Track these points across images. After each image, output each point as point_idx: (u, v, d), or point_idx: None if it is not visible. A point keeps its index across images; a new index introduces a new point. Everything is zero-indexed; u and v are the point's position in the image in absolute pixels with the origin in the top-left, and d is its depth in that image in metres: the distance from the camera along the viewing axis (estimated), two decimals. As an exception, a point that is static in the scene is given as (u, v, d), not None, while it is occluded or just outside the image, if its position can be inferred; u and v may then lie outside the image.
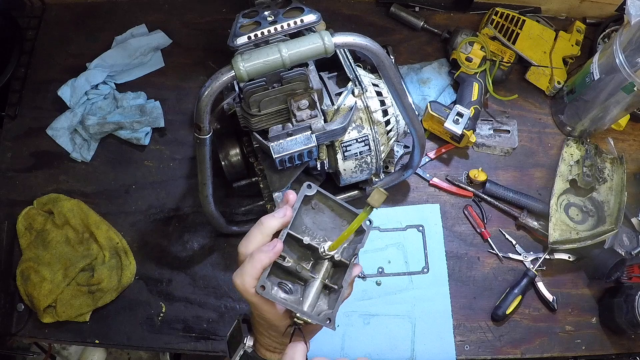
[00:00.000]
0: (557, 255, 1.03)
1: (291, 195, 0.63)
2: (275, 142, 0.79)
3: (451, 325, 0.98)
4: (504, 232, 1.05)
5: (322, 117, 0.81)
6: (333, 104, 0.87)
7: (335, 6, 1.21)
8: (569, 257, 1.03)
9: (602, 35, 1.16)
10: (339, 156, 0.89)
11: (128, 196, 1.06)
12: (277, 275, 0.62)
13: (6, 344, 1.00)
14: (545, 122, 1.14)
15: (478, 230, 1.05)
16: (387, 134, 0.92)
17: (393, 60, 1.03)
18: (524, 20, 1.13)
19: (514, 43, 1.11)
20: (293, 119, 0.79)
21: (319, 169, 0.89)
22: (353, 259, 0.62)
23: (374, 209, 0.57)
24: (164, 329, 0.98)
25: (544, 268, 1.02)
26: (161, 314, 0.98)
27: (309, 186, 0.63)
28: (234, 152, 0.95)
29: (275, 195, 0.86)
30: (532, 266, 1.01)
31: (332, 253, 0.62)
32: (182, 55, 1.16)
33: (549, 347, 0.98)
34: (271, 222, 0.60)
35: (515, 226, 1.06)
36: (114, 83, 1.13)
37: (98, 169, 1.08)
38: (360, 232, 0.63)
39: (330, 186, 1.02)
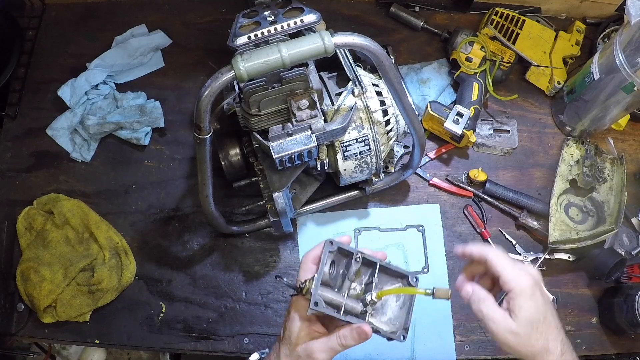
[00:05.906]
0: (557, 255, 1.03)
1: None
2: (275, 142, 0.79)
3: (451, 325, 0.98)
4: (504, 232, 1.05)
5: (322, 117, 0.81)
6: (333, 104, 0.87)
7: (335, 6, 1.20)
8: (569, 257, 1.03)
9: (602, 35, 1.16)
10: (339, 156, 0.89)
11: (128, 196, 1.06)
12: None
13: (6, 344, 1.00)
14: (545, 122, 1.14)
15: (478, 230, 1.05)
16: (387, 134, 0.92)
17: (393, 60, 1.03)
18: (524, 20, 1.13)
19: (514, 43, 1.11)
20: (293, 119, 0.79)
21: (319, 169, 0.89)
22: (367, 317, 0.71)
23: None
24: (164, 329, 0.98)
25: (544, 268, 1.02)
26: (161, 314, 0.98)
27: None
28: (234, 152, 0.95)
29: (275, 195, 0.86)
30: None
31: (374, 300, 0.69)
32: (182, 55, 1.16)
33: (549, 347, 0.98)
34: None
35: (515, 226, 1.06)
36: (114, 83, 1.13)
37: (98, 169, 1.08)
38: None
39: (331, 186, 1.02)
